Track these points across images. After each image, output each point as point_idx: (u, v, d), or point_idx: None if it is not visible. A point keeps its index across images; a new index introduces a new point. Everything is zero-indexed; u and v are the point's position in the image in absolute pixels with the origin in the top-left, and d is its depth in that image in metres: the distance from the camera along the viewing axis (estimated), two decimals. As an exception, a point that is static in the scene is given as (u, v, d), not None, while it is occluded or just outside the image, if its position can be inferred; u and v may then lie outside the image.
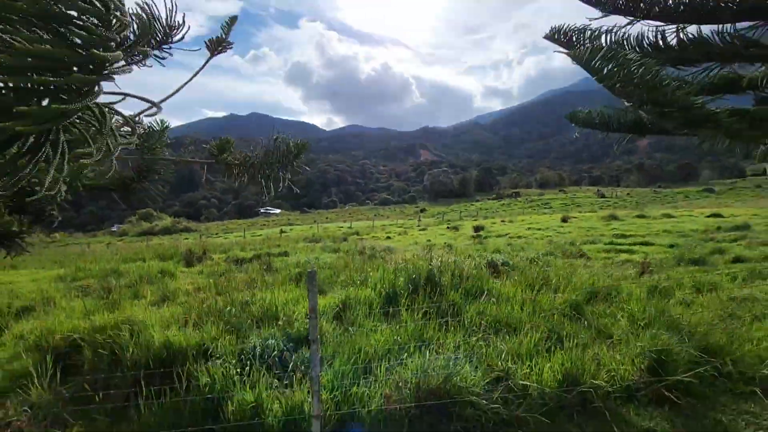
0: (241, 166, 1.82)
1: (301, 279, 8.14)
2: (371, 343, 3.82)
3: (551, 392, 3.05)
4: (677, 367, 3.26)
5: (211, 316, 4.83)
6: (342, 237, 25.65)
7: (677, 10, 2.08)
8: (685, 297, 5.37)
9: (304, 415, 2.75)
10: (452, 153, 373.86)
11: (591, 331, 4.13)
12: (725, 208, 32.93)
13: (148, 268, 9.80)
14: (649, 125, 2.57)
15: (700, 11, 2.12)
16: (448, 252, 12.81)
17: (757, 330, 3.97)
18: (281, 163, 1.83)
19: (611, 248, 14.26)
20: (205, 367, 3.31)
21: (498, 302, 5.02)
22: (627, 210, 41.76)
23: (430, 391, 3.02)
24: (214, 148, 1.81)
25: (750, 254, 10.34)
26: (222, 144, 1.81)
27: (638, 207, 46.21)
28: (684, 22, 2.20)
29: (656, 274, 7.62)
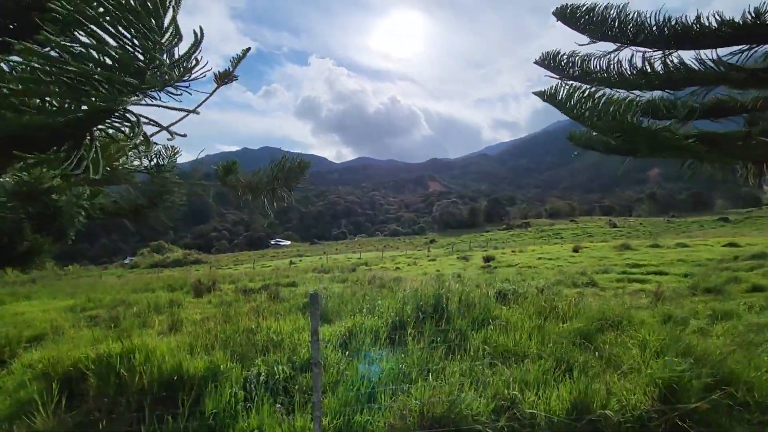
0: (247, 186, 1.90)
1: (307, 308, 8.12)
2: (376, 372, 3.78)
3: (559, 421, 2.97)
4: (690, 395, 3.16)
5: (218, 343, 4.83)
6: (351, 267, 25.58)
7: (661, 37, 2.19)
8: (700, 325, 5.24)
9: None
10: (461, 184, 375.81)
11: (601, 360, 4.03)
12: (741, 238, 32.22)
13: (157, 299, 9.87)
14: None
15: (683, 38, 2.23)
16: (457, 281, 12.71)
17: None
18: (285, 180, 1.92)
19: (624, 277, 13.99)
20: (210, 393, 3.30)
21: (505, 330, 4.95)
22: (640, 240, 41.14)
23: (435, 420, 2.96)
24: (221, 169, 1.90)
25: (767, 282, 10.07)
26: (228, 166, 1.91)
27: (652, 236, 45.50)
28: (668, 49, 2.30)
29: (670, 302, 7.46)
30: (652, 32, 2.22)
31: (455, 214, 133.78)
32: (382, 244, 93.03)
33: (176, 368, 3.74)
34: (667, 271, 15.09)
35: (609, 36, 2.27)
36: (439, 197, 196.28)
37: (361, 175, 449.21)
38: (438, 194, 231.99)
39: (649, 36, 2.24)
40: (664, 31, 2.22)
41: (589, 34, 2.25)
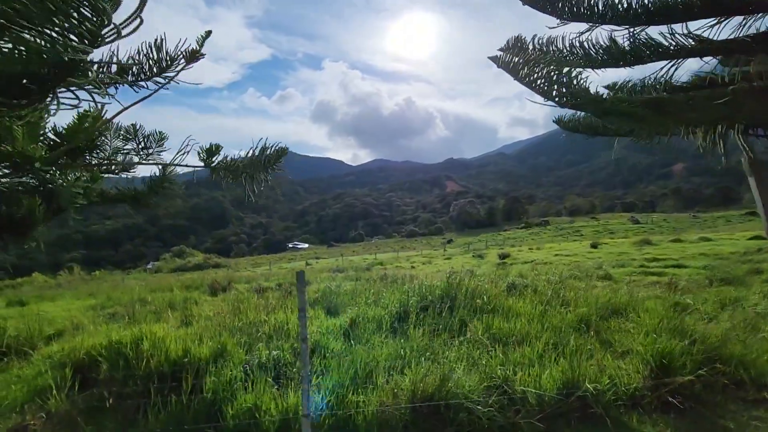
0: (227, 169, 2.02)
1: (317, 303, 8.27)
2: (374, 356, 3.87)
3: (549, 398, 3.00)
4: (684, 373, 3.14)
5: (225, 331, 5.00)
6: (366, 267, 25.72)
7: (629, 14, 2.22)
8: (708, 312, 5.15)
9: (298, 416, 2.81)
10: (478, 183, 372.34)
11: (599, 343, 4.02)
12: (769, 231, 30.98)
13: (173, 297, 10.18)
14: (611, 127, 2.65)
15: (654, 13, 2.25)
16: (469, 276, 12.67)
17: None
18: (263, 165, 2.03)
19: (641, 271, 13.71)
20: (212, 374, 3.45)
21: (508, 318, 4.98)
22: (663, 235, 40.00)
23: (426, 398, 3.03)
24: (204, 152, 2.03)
25: (790, 274, 9.74)
26: (211, 149, 2.03)
27: (675, 232, 44.16)
28: (639, 25, 2.32)
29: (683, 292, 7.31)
30: (623, 9, 2.26)
31: (473, 213, 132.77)
32: (399, 245, 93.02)
33: (183, 353, 3.91)
34: (687, 264, 14.69)
35: (579, 15, 2.31)
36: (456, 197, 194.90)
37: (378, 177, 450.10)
38: (455, 194, 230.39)
39: (620, 13, 2.27)
40: (635, 7, 2.25)
41: (557, 15, 2.29)
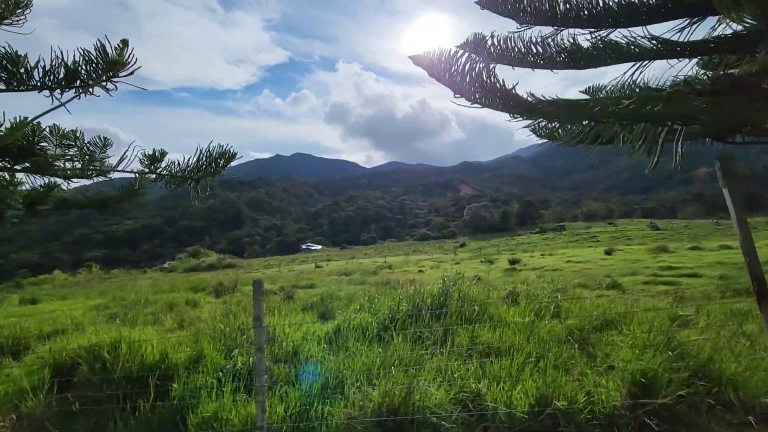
0: (172, 175, 1.98)
1: (312, 308, 8.24)
2: (349, 365, 3.79)
3: (520, 415, 2.87)
4: (669, 392, 2.97)
5: (207, 337, 4.99)
6: (373, 271, 25.67)
7: (593, 17, 2.10)
8: (708, 326, 4.91)
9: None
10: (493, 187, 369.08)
11: (585, 357, 3.86)
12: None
13: (173, 299, 10.29)
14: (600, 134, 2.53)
15: (619, 15, 2.13)
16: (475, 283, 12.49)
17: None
18: (210, 169, 1.98)
19: (652, 280, 13.29)
20: (180, 380, 3.42)
21: (496, 328, 4.84)
22: (681, 242, 38.85)
23: (392, 410, 2.94)
24: (147, 158, 1.99)
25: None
26: (154, 155, 1.99)
27: (695, 239, 42.87)
28: (605, 28, 2.20)
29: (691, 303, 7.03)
30: (586, 12, 2.15)
31: (486, 217, 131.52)
32: (411, 248, 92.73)
33: (159, 358, 3.90)
34: (702, 273, 14.20)
35: (540, 18, 2.20)
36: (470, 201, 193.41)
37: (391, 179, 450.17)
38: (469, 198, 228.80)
39: (583, 16, 2.16)
40: (599, 10, 2.14)
41: (518, 20, 2.19)
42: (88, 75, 1.62)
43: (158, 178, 2.04)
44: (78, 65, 1.66)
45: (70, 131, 2.06)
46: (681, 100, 1.41)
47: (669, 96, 1.46)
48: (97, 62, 1.67)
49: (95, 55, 1.90)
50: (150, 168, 2.04)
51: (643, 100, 1.46)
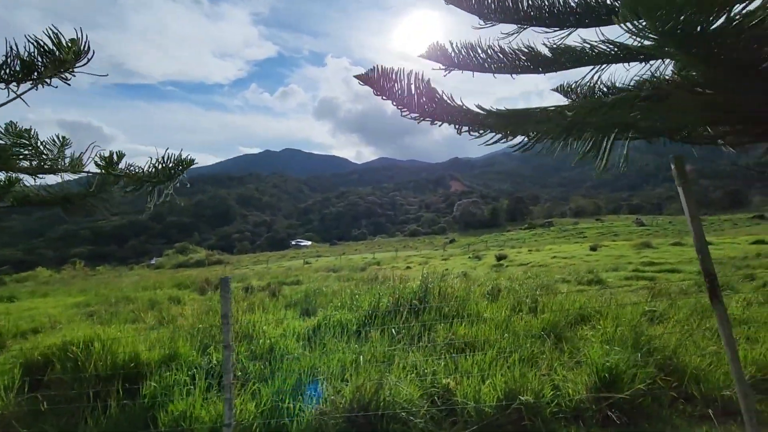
0: (129, 178, 1.97)
1: (295, 304, 8.24)
2: (324, 361, 3.81)
3: (489, 409, 2.92)
4: (633, 386, 3.05)
5: (188, 335, 4.97)
6: (361, 267, 25.69)
7: (554, 15, 2.13)
8: (679, 320, 5.03)
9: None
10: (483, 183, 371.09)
11: (557, 352, 3.94)
12: (773, 235, 30.59)
13: (157, 296, 10.20)
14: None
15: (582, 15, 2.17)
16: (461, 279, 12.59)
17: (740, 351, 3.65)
18: (168, 174, 1.97)
19: (634, 275, 13.54)
20: (150, 378, 3.41)
21: (475, 323, 4.90)
22: (665, 238, 39.58)
23: (362, 406, 2.97)
24: (103, 160, 1.97)
25: (782, 280, 9.58)
26: (111, 157, 1.98)
27: (678, 235, 43.67)
28: (568, 27, 2.24)
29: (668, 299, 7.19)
30: (548, 9, 2.18)
31: (476, 213, 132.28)
32: (401, 244, 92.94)
33: (132, 356, 3.88)
34: (682, 269, 14.50)
35: (504, 15, 2.22)
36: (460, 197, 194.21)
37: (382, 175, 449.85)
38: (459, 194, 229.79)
39: (545, 13, 2.19)
40: (562, 8, 2.17)
41: (482, 16, 2.21)
42: (44, 66, 1.60)
43: (116, 180, 2.02)
44: (33, 57, 1.64)
45: (25, 130, 2.03)
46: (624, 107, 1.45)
47: (614, 104, 1.50)
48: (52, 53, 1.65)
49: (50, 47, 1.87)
50: (107, 170, 2.03)
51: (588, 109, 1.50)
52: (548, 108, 1.69)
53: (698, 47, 0.92)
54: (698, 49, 0.92)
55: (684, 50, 0.93)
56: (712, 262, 2.17)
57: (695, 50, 0.93)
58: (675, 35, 0.91)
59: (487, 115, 1.68)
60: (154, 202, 2.01)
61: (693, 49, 0.93)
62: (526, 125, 1.62)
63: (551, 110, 1.65)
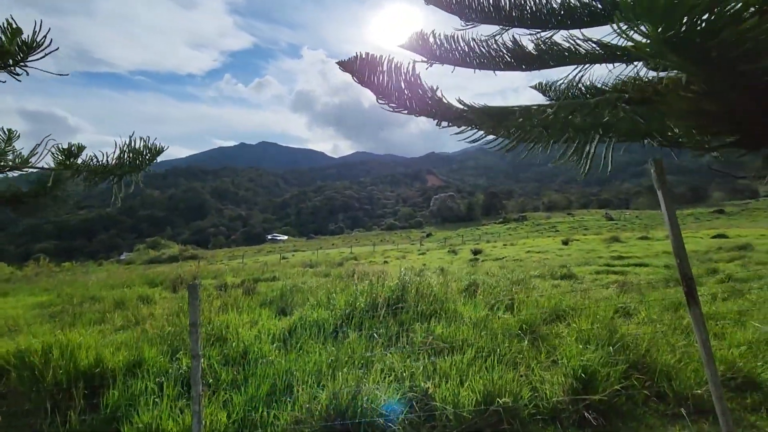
0: (92, 171, 1.80)
1: (271, 303, 8.06)
2: (300, 365, 3.70)
3: (467, 413, 2.89)
4: (608, 385, 3.08)
5: (157, 338, 4.76)
6: (339, 262, 25.52)
7: (537, 16, 2.08)
8: (649, 316, 5.16)
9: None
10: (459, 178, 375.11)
11: (533, 351, 3.96)
12: (733, 229, 32.25)
13: (125, 294, 9.79)
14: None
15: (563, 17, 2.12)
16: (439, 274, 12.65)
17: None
18: (134, 164, 1.82)
19: (605, 269, 13.93)
20: (114, 386, 3.22)
21: (452, 322, 4.88)
22: (634, 232, 41.13)
23: (339, 413, 2.88)
24: (60, 153, 1.80)
25: (743, 274, 10.02)
26: (69, 149, 1.81)
27: (645, 229, 45.44)
28: (550, 29, 2.19)
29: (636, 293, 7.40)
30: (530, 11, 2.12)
31: (453, 208, 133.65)
32: (378, 238, 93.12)
33: (95, 363, 3.66)
34: (649, 263, 15.02)
35: (485, 16, 2.15)
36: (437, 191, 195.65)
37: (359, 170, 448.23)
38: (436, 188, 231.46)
39: (527, 15, 2.13)
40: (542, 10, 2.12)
41: (463, 16, 2.14)
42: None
43: (76, 174, 1.85)
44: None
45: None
46: (608, 108, 1.40)
47: (597, 104, 1.45)
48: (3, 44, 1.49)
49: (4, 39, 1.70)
50: (65, 163, 1.85)
51: (570, 110, 1.45)
52: (531, 106, 1.64)
53: (699, 53, 0.87)
54: (698, 55, 0.87)
55: (684, 56, 0.88)
56: (689, 265, 2.18)
57: (695, 56, 0.88)
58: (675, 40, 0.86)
59: (469, 110, 1.61)
60: (121, 194, 1.85)
61: (693, 55, 0.88)
62: (508, 123, 1.55)
63: (534, 108, 1.59)
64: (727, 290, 7.09)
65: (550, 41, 2.02)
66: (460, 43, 2.03)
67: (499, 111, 1.62)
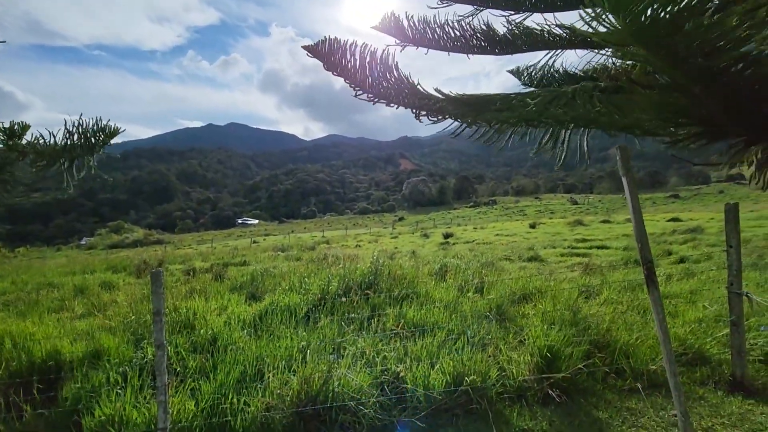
0: (39, 153, 1.67)
1: (241, 288, 7.91)
2: (270, 350, 3.66)
3: (438, 395, 2.96)
4: (571, 363, 3.22)
5: (120, 326, 4.59)
6: (311, 246, 25.33)
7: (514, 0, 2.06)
8: (610, 297, 5.40)
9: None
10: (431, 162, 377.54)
11: (502, 332, 4.08)
12: (686, 213, 34.17)
13: (86, 281, 9.38)
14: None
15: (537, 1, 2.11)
16: (410, 258, 12.77)
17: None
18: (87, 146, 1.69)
19: (569, 252, 14.46)
20: (73, 378, 3.09)
21: (424, 305, 4.95)
22: (596, 215, 42.95)
23: (310, 398, 2.88)
24: (2, 133, 1.65)
25: (694, 255, 10.64)
26: (12, 128, 1.66)
27: (607, 213, 47.51)
28: (525, 11, 2.18)
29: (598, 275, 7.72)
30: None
31: (425, 192, 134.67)
32: (351, 222, 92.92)
33: (51, 354, 3.50)
34: (610, 245, 15.70)
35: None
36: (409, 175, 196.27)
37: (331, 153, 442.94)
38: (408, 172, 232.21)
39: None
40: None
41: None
42: None
43: (20, 156, 1.70)
44: None
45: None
46: (584, 97, 1.41)
47: (573, 93, 1.45)
48: None
49: None
50: (8, 144, 1.70)
51: (548, 99, 1.45)
52: (510, 95, 1.63)
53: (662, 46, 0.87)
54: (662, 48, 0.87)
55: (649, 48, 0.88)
56: (650, 250, 2.27)
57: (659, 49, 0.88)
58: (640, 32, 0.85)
59: (446, 100, 1.59)
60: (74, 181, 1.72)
61: (657, 48, 0.88)
62: (488, 115, 1.54)
63: (512, 98, 1.58)
64: (681, 271, 7.50)
65: (522, 26, 2.00)
66: (433, 26, 1.99)
67: (478, 100, 1.61)
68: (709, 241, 13.58)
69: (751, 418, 2.80)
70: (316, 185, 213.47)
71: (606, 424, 2.75)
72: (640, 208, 2.32)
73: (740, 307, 3.16)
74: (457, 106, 1.60)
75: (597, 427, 2.73)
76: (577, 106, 1.38)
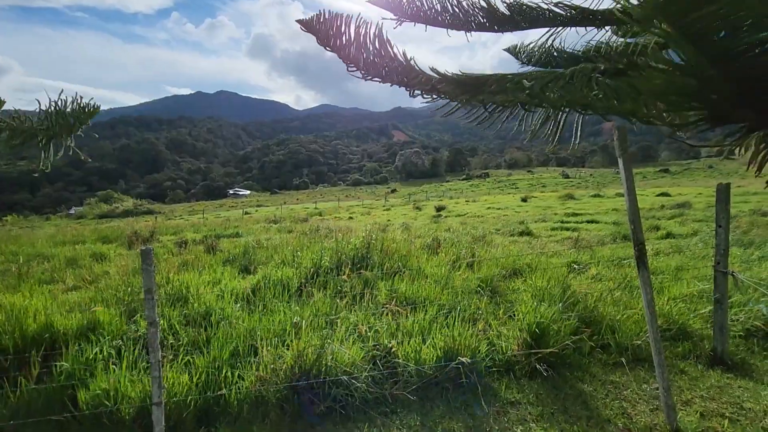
0: (14, 131, 1.59)
1: (234, 260, 7.91)
2: (264, 325, 3.70)
3: (428, 369, 3.03)
4: (559, 339, 3.31)
5: (112, 298, 4.59)
6: (303, 218, 25.30)
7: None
8: (598, 272, 5.50)
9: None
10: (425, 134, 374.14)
11: (492, 306, 4.15)
12: (675, 188, 34.56)
13: (77, 251, 9.31)
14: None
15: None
16: (403, 231, 12.83)
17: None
18: (66, 126, 1.62)
19: (559, 226, 14.61)
20: (69, 352, 3.11)
21: (416, 280, 4.99)
22: (587, 190, 43.23)
23: (304, 372, 2.94)
24: None
25: (681, 230, 10.81)
26: None
27: (598, 187, 47.83)
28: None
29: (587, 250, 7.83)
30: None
31: (417, 164, 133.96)
32: (343, 193, 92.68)
33: (45, 327, 3.50)
34: (600, 219, 15.88)
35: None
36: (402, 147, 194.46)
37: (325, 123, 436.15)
38: (401, 144, 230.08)
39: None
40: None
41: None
42: None
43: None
44: None
45: None
46: (583, 80, 1.37)
47: (572, 75, 1.41)
48: None
49: None
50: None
51: (546, 80, 1.40)
52: (506, 75, 1.58)
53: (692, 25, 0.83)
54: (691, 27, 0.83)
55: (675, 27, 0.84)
56: (642, 231, 2.28)
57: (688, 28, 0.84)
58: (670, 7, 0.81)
59: (441, 79, 1.53)
60: (50, 157, 1.66)
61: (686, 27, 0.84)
62: (483, 97, 1.49)
63: (509, 78, 1.53)
64: (667, 247, 7.63)
65: (522, 2, 1.93)
66: (432, 1, 1.90)
67: (474, 81, 1.55)
68: (696, 217, 13.77)
69: (729, 392, 2.92)
70: (309, 156, 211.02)
71: (590, 397, 2.86)
72: (635, 189, 2.32)
73: (725, 286, 3.23)
74: (453, 86, 1.55)
75: (581, 399, 2.83)
76: (575, 90, 1.34)
